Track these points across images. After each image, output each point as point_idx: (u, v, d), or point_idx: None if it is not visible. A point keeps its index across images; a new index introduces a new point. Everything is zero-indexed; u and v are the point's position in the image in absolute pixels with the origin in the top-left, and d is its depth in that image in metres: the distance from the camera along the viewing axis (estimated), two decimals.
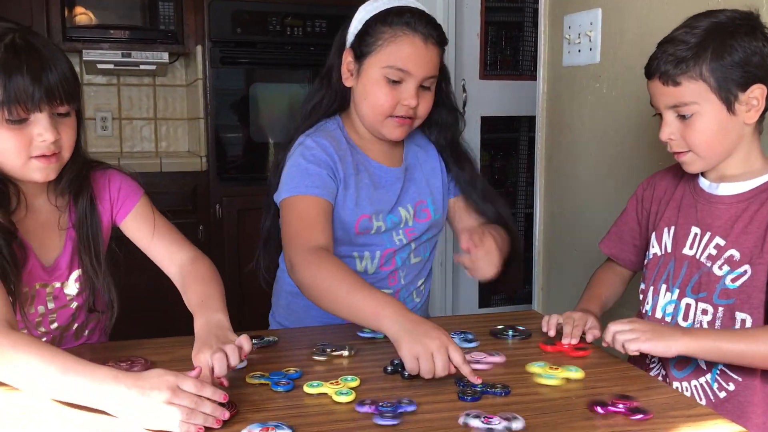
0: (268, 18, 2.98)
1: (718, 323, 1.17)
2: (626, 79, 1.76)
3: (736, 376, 1.14)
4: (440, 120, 1.43)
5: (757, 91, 1.13)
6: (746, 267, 1.15)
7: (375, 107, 1.31)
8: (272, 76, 3.03)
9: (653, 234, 1.31)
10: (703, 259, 1.20)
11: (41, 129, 1.07)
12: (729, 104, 1.13)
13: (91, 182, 1.23)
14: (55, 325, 1.23)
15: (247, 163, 3.03)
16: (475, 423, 0.88)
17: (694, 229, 1.23)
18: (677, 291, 1.24)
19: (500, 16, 3.57)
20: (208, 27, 2.92)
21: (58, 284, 1.21)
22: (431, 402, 0.96)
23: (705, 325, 1.20)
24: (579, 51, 1.90)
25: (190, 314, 1.11)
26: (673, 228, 1.27)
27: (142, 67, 3.04)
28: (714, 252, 1.19)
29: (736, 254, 1.16)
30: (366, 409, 0.93)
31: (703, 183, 1.25)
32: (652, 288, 1.28)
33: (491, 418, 0.88)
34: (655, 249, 1.30)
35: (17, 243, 1.11)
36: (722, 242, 1.18)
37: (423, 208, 1.42)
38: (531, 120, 2.57)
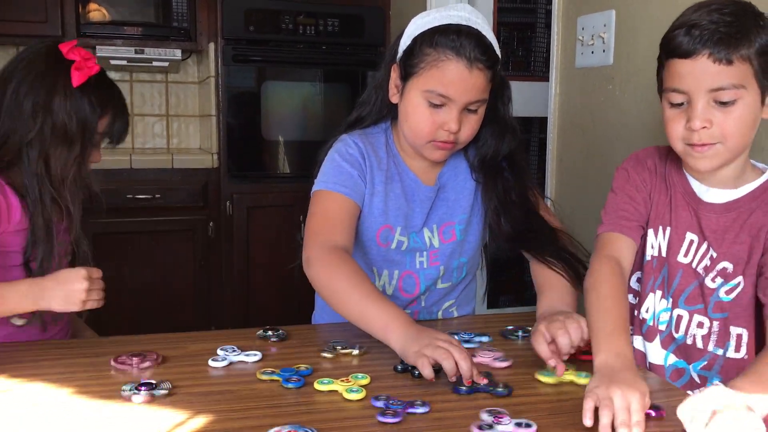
0: (280, 16, 2.98)
1: (713, 337, 1.13)
2: (639, 81, 1.75)
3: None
4: (478, 142, 1.35)
5: None
6: (740, 279, 1.10)
7: (415, 130, 1.27)
8: (284, 74, 3.03)
9: (650, 229, 1.22)
10: (699, 270, 1.15)
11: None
12: (764, 93, 1.06)
13: None
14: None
15: (258, 160, 3.04)
16: (484, 416, 0.89)
17: (690, 236, 1.16)
18: (671, 300, 1.18)
19: (513, 17, 3.56)
20: (220, 24, 2.93)
21: None
22: (441, 401, 0.96)
23: (699, 339, 1.13)
24: (592, 52, 1.90)
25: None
26: (668, 230, 1.19)
27: (154, 63, 3.05)
28: (708, 263, 1.13)
29: (729, 266, 1.11)
30: (380, 404, 0.93)
31: (695, 185, 1.17)
32: (651, 293, 1.22)
33: (502, 417, 0.89)
34: (653, 250, 1.22)
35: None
36: (715, 254, 1.13)
37: (450, 229, 1.38)
38: (543, 121, 2.56)
